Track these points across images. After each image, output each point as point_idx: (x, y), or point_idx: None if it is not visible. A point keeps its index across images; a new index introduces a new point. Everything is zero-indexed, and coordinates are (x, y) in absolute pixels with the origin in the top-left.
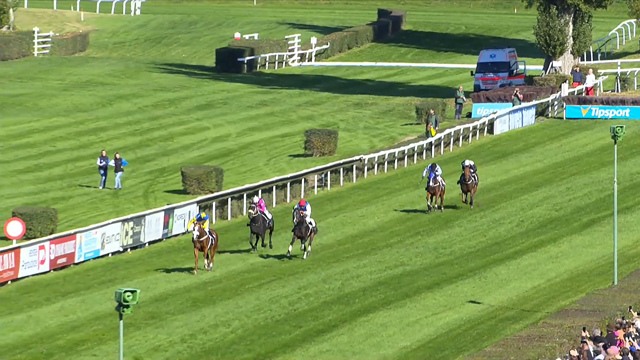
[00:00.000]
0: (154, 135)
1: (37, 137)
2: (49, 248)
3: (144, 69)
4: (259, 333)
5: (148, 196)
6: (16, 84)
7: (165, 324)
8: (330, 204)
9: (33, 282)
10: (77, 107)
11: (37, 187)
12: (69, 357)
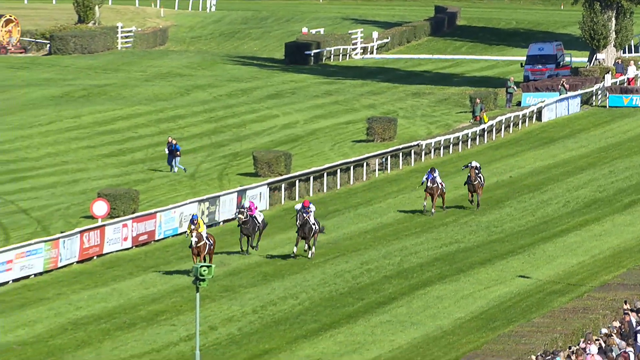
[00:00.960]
0: (228, 123)
1: (120, 124)
2: (132, 226)
3: (218, 61)
4: (325, 305)
5: (222, 178)
6: (101, 75)
7: (238, 296)
8: (390, 186)
9: (117, 258)
10: (157, 96)
11: (120, 170)
12: (150, 327)
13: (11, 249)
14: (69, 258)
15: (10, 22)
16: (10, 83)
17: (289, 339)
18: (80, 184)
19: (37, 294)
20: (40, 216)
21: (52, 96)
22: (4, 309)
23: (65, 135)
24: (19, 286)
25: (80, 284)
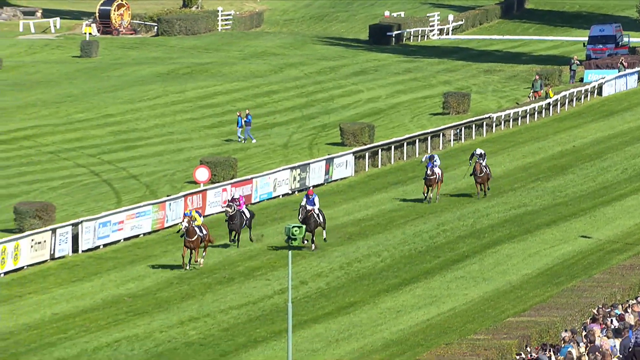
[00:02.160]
0: (317, 97)
1: (220, 99)
2: (230, 190)
3: (309, 41)
4: (404, 262)
5: (312, 147)
6: (203, 54)
7: (326, 254)
8: (464, 155)
9: (217, 219)
10: (254, 73)
11: (220, 140)
12: (247, 281)
13: (123, 211)
14: (174, 219)
15: (122, 6)
16: (122, 61)
17: (372, 292)
18: (184, 153)
19: (145, 251)
20: (148, 181)
21: (159, 73)
22: (116, 264)
23: (171, 109)
24: (130, 244)
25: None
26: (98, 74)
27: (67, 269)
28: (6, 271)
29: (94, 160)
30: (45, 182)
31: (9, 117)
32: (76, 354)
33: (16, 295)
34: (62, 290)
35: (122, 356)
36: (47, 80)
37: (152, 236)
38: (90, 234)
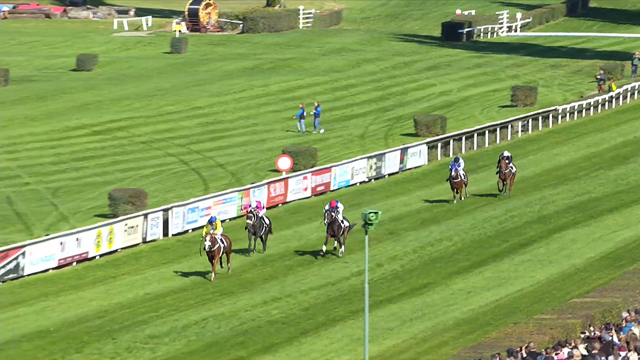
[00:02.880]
0: (392, 91)
1: (301, 92)
2: (311, 178)
3: (384, 38)
4: (474, 246)
5: (388, 138)
6: (286, 50)
7: (400, 238)
8: (530, 145)
9: (298, 205)
10: (333, 68)
11: (300, 136)
12: (326, 264)
13: (210, 197)
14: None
15: (210, 5)
16: (209, 57)
17: (444, 274)
18: (268, 143)
19: (231, 235)
20: (234, 169)
21: (244, 68)
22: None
23: (255, 101)
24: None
25: None
26: (187, 69)
27: (158, 251)
28: (101, 253)
29: (183, 150)
30: (137, 170)
31: (104, 109)
32: (166, 331)
33: (110, 276)
34: (154, 271)
35: (209, 333)
36: (140, 75)
37: (237, 221)
38: (180, 218)
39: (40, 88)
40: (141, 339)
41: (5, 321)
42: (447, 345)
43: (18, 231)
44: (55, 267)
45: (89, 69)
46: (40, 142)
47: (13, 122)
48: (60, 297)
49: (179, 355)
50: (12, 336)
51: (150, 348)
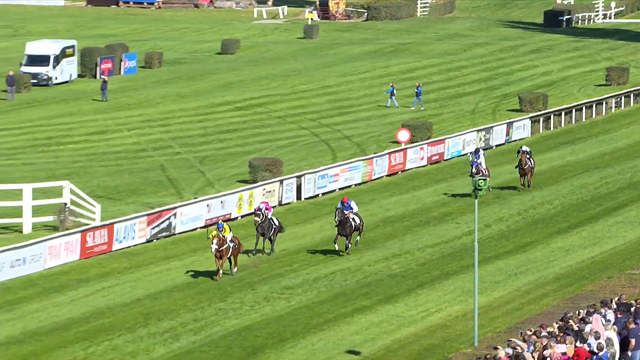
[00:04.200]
0: (500, 71)
1: (419, 72)
2: (427, 149)
3: (493, 25)
4: (572, 209)
5: (495, 113)
6: (405, 36)
7: (506, 202)
8: (623, 119)
9: (416, 172)
10: (447, 51)
11: (418, 107)
12: (440, 224)
13: (337, 165)
14: (380, 173)
15: None
16: (337, 42)
17: (545, 234)
18: (389, 117)
19: (357, 198)
20: (359, 141)
21: (368, 51)
22: (332, 210)
23: (377, 81)
24: (343, 193)
25: (388, 192)
26: (318, 52)
27: (292, 213)
28: (242, 215)
29: (314, 124)
30: (274, 141)
31: (245, 87)
32: (300, 283)
33: (251, 235)
34: (289, 230)
35: (337, 285)
36: (276, 57)
37: (361, 187)
38: (311, 184)
39: (190, 69)
40: (277, 290)
41: (159, 274)
42: (548, 296)
43: (170, 195)
44: (202, 227)
45: (232, 52)
46: (190, 116)
47: (166, 99)
48: (207, 253)
49: (310, 304)
50: (165, 287)
51: (285, 298)
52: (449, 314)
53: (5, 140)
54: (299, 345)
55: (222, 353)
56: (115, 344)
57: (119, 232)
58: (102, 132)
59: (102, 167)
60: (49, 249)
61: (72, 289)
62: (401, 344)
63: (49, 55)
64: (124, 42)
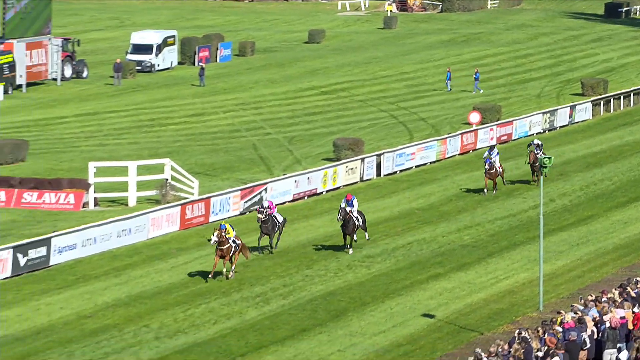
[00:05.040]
0: (563, 59)
1: (488, 60)
2: (496, 130)
3: (557, 16)
4: (630, 185)
5: (559, 97)
6: (476, 26)
7: (569, 178)
8: None
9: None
10: (514, 40)
11: (488, 91)
12: (508, 199)
13: (414, 145)
14: (453, 151)
15: None
16: (414, 32)
17: (605, 208)
18: (461, 101)
19: (431, 175)
20: (433, 122)
21: (442, 40)
22: (409, 185)
23: (451, 67)
24: (419, 170)
25: (460, 169)
26: (396, 42)
27: (372, 188)
28: (327, 189)
29: (392, 107)
30: (356, 123)
31: (330, 74)
32: (379, 252)
33: (335, 208)
34: (369, 204)
35: (414, 254)
36: (358, 46)
37: (436, 165)
38: (390, 162)
39: (280, 57)
40: (359, 259)
41: (251, 243)
42: (607, 265)
43: (261, 171)
44: (290, 200)
45: (318, 41)
46: (279, 100)
47: (258, 84)
48: (295, 224)
49: (389, 272)
50: (256, 256)
51: (366, 265)
52: (516, 281)
53: (112, 122)
54: (378, 309)
55: (308, 315)
56: (211, 306)
57: (215, 205)
58: (200, 114)
59: (200, 146)
60: (151, 221)
61: (173, 257)
62: (472, 308)
63: (152, 45)
64: (220, 32)
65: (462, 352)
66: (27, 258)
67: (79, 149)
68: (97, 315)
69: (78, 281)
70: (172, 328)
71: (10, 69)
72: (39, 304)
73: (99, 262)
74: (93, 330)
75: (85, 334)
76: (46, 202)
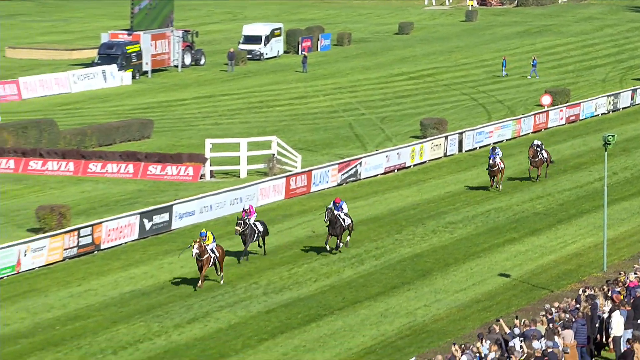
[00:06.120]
0: (626, 47)
1: (559, 49)
2: (565, 111)
3: (621, 9)
4: None
5: (622, 82)
6: (548, 19)
7: (630, 154)
8: None
9: (556, 130)
10: (582, 31)
11: (558, 77)
12: (576, 172)
13: (492, 124)
14: (526, 130)
15: None
16: (492, 24)
17: None
18: (534, 85)
19: (507, 151)
20: (509, 104)
21: (517, 32)
22: (487, 160)
23: (525, 56)
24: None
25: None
26: (476, 33)
27: (454, 163)
28: (415, 164)
29: (473, 90)
30: (440, 104)
31: (417, 61)
32: (461, 219)
33: (421, 180)
34: (451, 177)
35: (492, 221)
36: (443, 37)
37: (511, 141)
38: (470, 139)
39: (373, 46)
40: (442, 225)
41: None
42: None
43: (356, 147)
44: (382, 173)
45: (407, 32)
46: (372, 84)
47: (354, 70)
48: (386, 194)
49: (469, 236)
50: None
51: (449, 231)
52: (583, 244)
53: (226, 104)
54: (460, 269)
55: (397, 275)
56: (312, 266)
57: (316, 177)
58: (303, 97)
59: (302, 125)
60: (260, 191)
61: (279, 222)
62: (543, 269)
63: (261, 36)
64: (321, 24)
65: (534, 308)
66: (152, 223)
67: (196, 127)
68: (214, 274)
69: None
70: (278, 285)
71: (137, 57)
72: (162, 263)
73: (214, 226)
74: (209, 286)
75: (203, 289)
76: (168, 174)
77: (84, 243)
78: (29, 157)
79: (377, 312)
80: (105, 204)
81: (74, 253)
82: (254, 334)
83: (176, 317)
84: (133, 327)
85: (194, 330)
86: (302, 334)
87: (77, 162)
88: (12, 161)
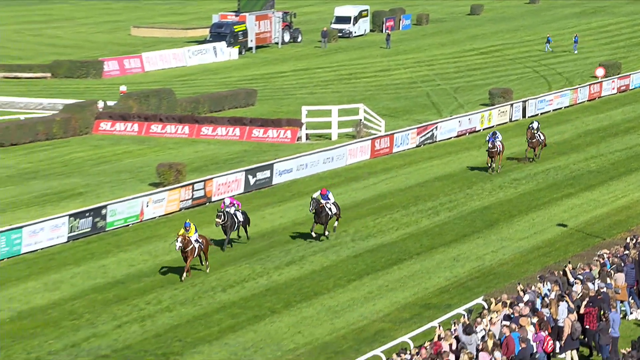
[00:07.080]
0: None
1: (611, 27)
2: (617, 82)
3: None
4: None
5: None
6: (602, 1)
7: None
8: None
9: (609, 99)
10: (633, 12)
11: (610, 52)
12: (626, 135)
13: (552, 94)
14: (582, 99)
15: None
16: (553, 5)
17: None
18: (590, 59)
19: (565, 117)
20: (567, 76)
21: (574, 12)
22: (548, 125)
23: (582, 33)
24: (556, 113)
25: (588, 112)
26: (539, 13)
27: (519, 127)
28: (484, 128)
29: (535, 64)
30: (506, 77)
31: (487, 38)
32: (524, 176)
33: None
34: (517, 139)
35: (551, 178)
36: (509, 17)
37: (569, 109)
38: (533, 107)
39: (448, 25)
40: (508, 181)
41: (425, 169)
42: None
43: (432, 114)
44: (455, 136)
45: (478, 13)
46: (447, 59)
47: (431, 46)
48: (459, 154)
49: (532, 191)
50: (428, 178)
51: (514, 187)
52: (632, 198)
53: (319, 76)
54: (523, 220)
55: (468, 224)
56: (394, 217)
57: (397, 139)
58: (386, 70)
59: (386, 94)
60: (349, 151)
61: (364, 179)
62: (597, 220)
63: (350, 16)
64: (402, 6)
65: (588, 254)
66: (256, 179)
67: (294, 96)
68: (308, 223)
69: (293, 197)
70: (364, 233)
71: (243, 35)
72: (264, 214)
73: (309, 182)
74: (303, 234)
75: (300, 235)
76: (270, 137)
77: (197, 196)
78: (151, 122)
79: (450, 257)
80: (215, 162)
81: (188, 204)
82: (343, 275)
83: (276, 260)
84: (239, 268)
85: (292, 271)
86: (385, 276)
87: (192, 126)
88: (136, 125)
